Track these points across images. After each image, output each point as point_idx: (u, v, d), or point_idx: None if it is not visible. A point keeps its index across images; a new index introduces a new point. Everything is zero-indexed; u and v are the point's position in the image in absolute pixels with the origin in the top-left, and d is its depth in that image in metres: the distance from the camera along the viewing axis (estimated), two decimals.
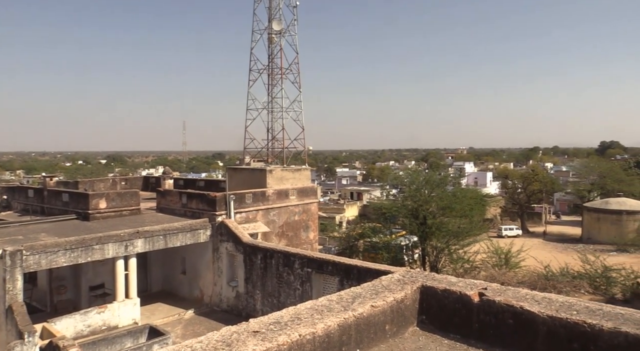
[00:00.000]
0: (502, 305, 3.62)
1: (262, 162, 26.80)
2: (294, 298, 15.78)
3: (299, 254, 16.12)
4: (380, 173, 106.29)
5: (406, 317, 3.92)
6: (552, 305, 3.51)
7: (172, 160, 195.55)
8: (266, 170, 23.51)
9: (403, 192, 35.14)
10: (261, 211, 21.28)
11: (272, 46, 26.71)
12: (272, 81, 26.76)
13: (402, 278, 4.29)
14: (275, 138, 27.04)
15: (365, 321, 3.46)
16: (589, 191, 62.64)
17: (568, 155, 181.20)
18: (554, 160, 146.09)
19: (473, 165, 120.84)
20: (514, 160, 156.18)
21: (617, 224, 49.07)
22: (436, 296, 4.00)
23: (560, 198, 75.48)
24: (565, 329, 3.26)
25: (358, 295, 3.82)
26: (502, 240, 43.99)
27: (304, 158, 27.02)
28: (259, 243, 18.23)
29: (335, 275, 14.39)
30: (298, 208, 23.08)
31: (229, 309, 18.81)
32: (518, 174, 72.98)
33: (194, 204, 20.26)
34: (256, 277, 17.64)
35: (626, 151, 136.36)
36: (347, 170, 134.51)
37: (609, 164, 70.15)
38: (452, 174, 43.73)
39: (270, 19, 26.59)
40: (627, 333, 2.99)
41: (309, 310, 3.41)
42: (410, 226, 31.70)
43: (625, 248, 43.86)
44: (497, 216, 62.70)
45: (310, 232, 23.87)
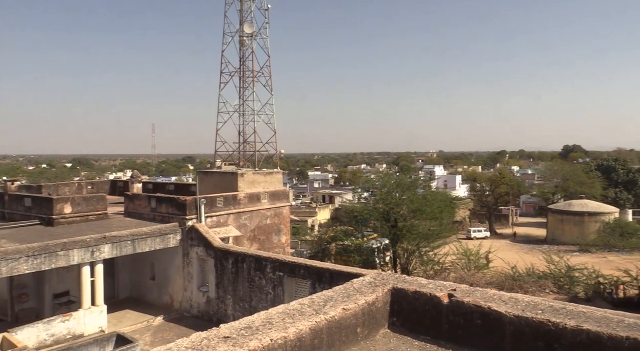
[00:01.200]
0: (471, 305, 3.69)
1: (233, 166, 26.56)
2: (266, 303, 15.67)
3: (271, 258, 16.02)
4: (352, 177, 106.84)
5: (378, 320, 3.95)
6: (519, 305, 3.60)
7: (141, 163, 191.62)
8: (238, 173, 23.31)
9: (375, 195, 35.46)
10: (233, 215, 21.07)
11: (244, 49, 26.57)
12: (243, 84, 26.60)
13: (374, 281, 4.32)
14: (247, 141, 26.86)
15: (337, 325, 3.47)
16: (554, 194, 64.61)
17: (533, 158, 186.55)
18: (520, 164, 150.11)
19: (443, 169, 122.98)
20: (482, 163, 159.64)
21: (580, 225, 50.78)
22: (407, 299, 4.05)
23: (526, 200, 77.59)
24: (531, 328, 3.34)
25: (330, 298, 3.83)
26: (471, 241, 44.95)
27: (276, 162, 26.92)
28: (230, 248, 18.03)
29: (308, 279, 14.37)
30: (270, 212, 22.97)
31: (200, 315, 18.52)
32: (486, 177, 74.64)
33: (163, 208, 19.89)
34: (228, 282, 17.43)
35: (587, 155, 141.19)
36: (319, 174, 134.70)
37: (572, 167, 72.58)
38: (423, 177, 44.41)
39: (242, 21, 26.46)
40: (588, 331, 3.09)
41: (280, 315, 3.39)
42: (382, 229, 31.99)
43: (588, 248, 45.42)
44: (466, 218, 63.93)
45: (282, 236, 23.78)
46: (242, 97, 26.61)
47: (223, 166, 26.35)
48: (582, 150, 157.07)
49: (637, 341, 2.89)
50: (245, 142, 26.83)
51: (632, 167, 72.97)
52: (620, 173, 67.97)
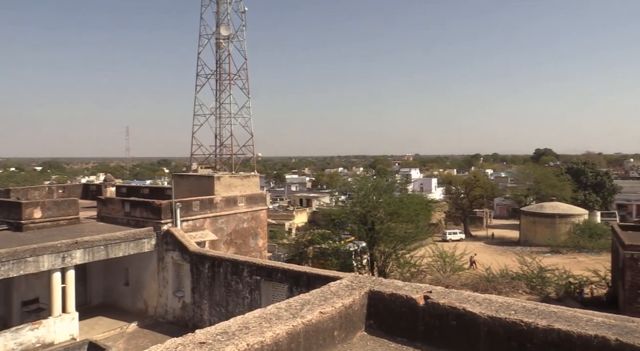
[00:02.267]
0: (446, 307, 3.73)
1: (209, 169, 26.31)
2: (243, 307, 15.54)
3: (247, 262, 15.91)
4: (330, 180, 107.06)
5: (354, 322, 3.97)
6: (492, 306, 3.67)
7: (114, 166, 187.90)
8: (214, 177, 23.09)
9: (352, 198, 35.61)
10: (209, 219, 20.84)
11: (220, 51, 26.39)
12: (220, 87, 26.41)
13: (351, 284, 4.34)
14: (224, 144, 26.65)
15: (314, 328, 3.46)
16: (526, 196, 66.13)
17: (506, 161, 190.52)
18: (494, 167, 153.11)
19: (419, 172, 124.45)
20: (457, 166, 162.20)
21: (551, 227, 52.09)
22: (383, 301, 4.07)
23: (499, 202, 79.17)
24: (504, 328, 3.40)
25: (307, 302, 3.82)
26: (447, 243, 45.61)
27: (253, 165, 26.80)
28: (206, 252, 17.83)
29: (285, 283, 14.32)
30: (247, 216, 22.81)
31: (175, 320, 18.24)
32: (461, 180, 75.92)
33: (137, 212, 19.55)
34: (203, 287, 17.22)
35: (558, 158, 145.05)
36: (296, 177, 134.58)
37: (543, 170, 74.46)
38: (399, 180, 44.82)
39: (218, 23, 26.28)
40: (559, 330, 3.17)
41: (257, 319, 3.37)
42: (359, 232, 32.17)
43: (558, 249, 46.64)
44: (442, 221, 64.85)
45: (259, 240, 23.65)
46: (219, 99, 26.42)
47: (199, 169, 26.07)
48: (553, 153, 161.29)
49: (604, 338, 2.98)
50: (221, 145, 26.63)
51: (600, 170, 75.32)
52: (589, 176, 70.04)
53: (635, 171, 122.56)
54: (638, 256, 20.04)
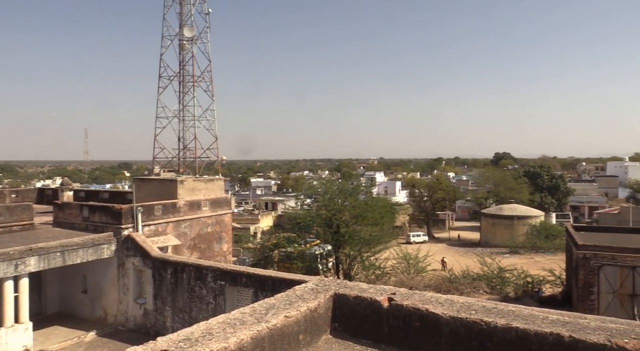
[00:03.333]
0: (409, 308, 3.79)
1: (172, 172, 25.80)
2: (207, 313, 15.28)
3: (211, 267, 15.67)
4: (295, 183, 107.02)
5: (319, 326, 3.97)
6: (454, 306, 3.75)
7: (72, 170, 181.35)
8: (177, 180, 22.66)
9: (317, 202, 35.66)
10: (172, 223, 20.42)
11: (184, 53, 25.97)
12: (183, 89, 25.97)
13: (316, 287, 4.34)
14: (187, 147, 26.20)
15: (279, 333, 3.45)
16: (486, 198, 68.02)
17: (467, 165, 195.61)
18: (456, 170, 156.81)
19: (383, 175, 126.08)
20: (420, 170, 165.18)
21: (510, 228, 53.76)
22: (348, 304, 4.09)
23: (461, 205, 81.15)
24: (465, 328, 3.48)
25: (272, 306, 3.80)
26: (410, 246, 46.37)
27: (217, 168, 26.45)
28: (169, 257, 17.45)
29: (250, 287, 14.19)
30: (211, 220, 22.49)
31: (136, 328, 17.74)
32: (424, 183, 77.32)
33: (96, 217, 18.93)
34: (166, 293, 16.84)
35: (516, 161, 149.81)
36: (261, 180, 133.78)
37: (502, 174, 76.86)
38: (364, 183, 45.20)
39: (182, 25, 25.87)
40: (517, 328, 3.27)
41: (221, 324, 3.32)
42: (324, 235, 32.23)
43: (517, 250, 48.16)
44: (406, 223, 65.82)
45: (223, 244, 23.34)
46: (182, 101, 25.97)
47: (161, 173, 25.52)
48: (511, 157, 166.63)
49: (559, 335, 3.10)
50: (185, 148, 26.17)
51: (555, 173, 78.41)
52: (545, 179, 72.79)
53: (587, 174, 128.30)
54: (590, 255, 20.95)
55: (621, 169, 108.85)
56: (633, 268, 20.38)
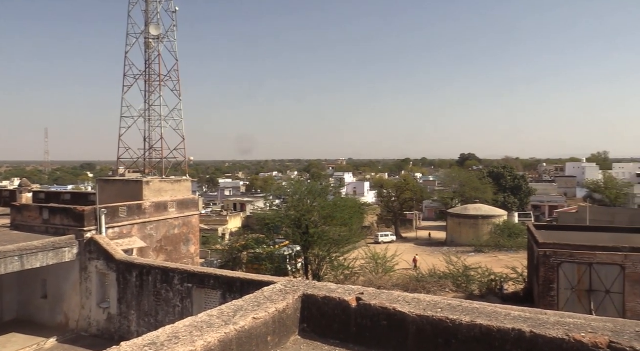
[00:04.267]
0: (377, 307, 3.83)
1: (138, 173, 25.22)
2: (174, 316, 15.01)
3: (178, 269, 15.40)
4: (264, 184, 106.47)
5: (288, 327, 3.96)
6: (421, 305, 3.82)
7: (31, 171, 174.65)
8: (142, 181, 22.16)
9: (286, 202, 35.57)
10: (137, 225, 19.95)
11: (150, 51, 25.42)
12: (149, 88, 25.42)
13: (284, 288, 4.33)
14: (153, 148, 25.66)
15: (247, 334, 3.42)
16: (452, 198, 69.46)
17: (434, 166, 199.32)
18: (423, 171, 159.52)
19: (352, 176, 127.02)
20: (388, 170, 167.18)
21: (475, 228, 55.06)
22: (317, 304, 4.11)
23: (428, 205, 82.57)
24: (431, 326, 3.55)
25: (240, 308, 3.77)
26: (379, 246, 46.84)
27: (185, 169, 26.00)
28: (134, 260, 17.03)
29: (218, 289, 14.02)
30: (178, 221, 22.10)
31: (100, 333, 17.24)
32: (392, 184, 78.29)
33: (57, 220, 18.29)
34: (131, 296, 16.43)
35: (481, 162, 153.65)
36: (230, 181, 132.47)
37: (468, 174, 78.66)
38: (333, 184, 45.40)
39: (147, 23, 25.32)
40: (481, 325, 3.36)
41: (187, 328, 3.27)
42: (294, 236, 32.16)
43: (481, 249, 49.38)
44: (374, 223, 66.47)
45: (191, 246, 22.98)
46: (148, 101, 25.41)
47: (126, 173, 24.90)
48: (476, 158, 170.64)
49: (520, 331, 3.20)
50: (151, 148, 25.62)
51: (517, 174, 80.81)
52: (508, 179, 74.92)
53: (548, 175, 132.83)
54: (550, 253, 21.69)
55: (579, 170, 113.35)
56: (590, 265, 21.21)
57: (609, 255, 20.99)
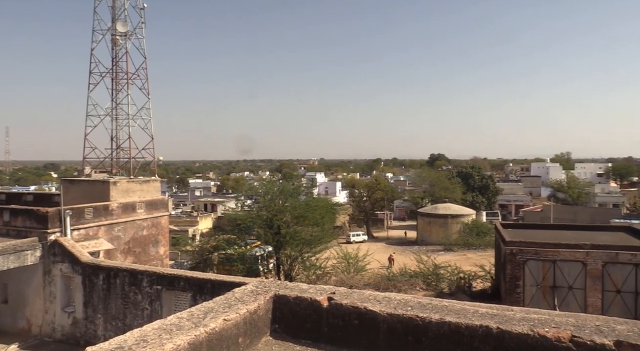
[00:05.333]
0: (348, 307, 3.85)
1: (105, 173, 24.60)
2: (142, 319, 14.70)
3: (147, 271, 15.09)
4: (235, 184, 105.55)
5: (259, 328, 3.94)
6: (391, 303, 3.85)
7: None
8: (109, 181, 21.63)
9: (258, 203, 35.35)
10: (104, 227, 19.46)
11: (117, 48, 24.83)
12: (116, 86, 24.83)
13: (256, 289, 4.30)
14: (121, 147, 25.08)
15: (218, 336, 3.38)
16: (422, 198, 70.50)
17: (405, 166, 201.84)
18: (394, 171, 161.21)
19: (324, 175, 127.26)
20: (359, 170, 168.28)
21: (444, 227, 56.02)
22: (288, 304, 4.09)
23: (399, 205, 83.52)
24: (401, 324, 3.59)
25: (210, 309, 3.72)
26: (350, 245, 47.10)
27: (154, 169, 25.52)
28: (100, 262, 16.60)
29: (188, 291, 13.82)
30: (146, 222, 21.67)
31: (64, 338, 16.72)
32: (363, 184, 78.83)
33: (19, 221, 17.65)
34: (98, 300, 16.01)
35: (450, 162, 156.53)
36: (200, 182, 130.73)
37: (437, 174, 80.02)
38: (305, 184, 45.36)
39: (114, 19, 24.72)
40: (450, 322, 3.42)
41: (156, 331, 3.21)
42: (265, 236, 31.98)
43: (451, 247, 50.30)
44: (346, 223, 66.77)
45: (160, 247, 22.56)
46: (115, 99, 24.83)
47: (93, 174, 24.25)
48: (446, 158, 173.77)
49: (488, 327, 3.27)
50: (118, 147, 25.03)
51: (485, 174, 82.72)
52: (476, 179, 76.58)
53: (514, 174, 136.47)
54: (516, 251, 22.29)
55: (543, 170, 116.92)
56: (554, 262, 21.91)
57: (572, 252, 21.74)
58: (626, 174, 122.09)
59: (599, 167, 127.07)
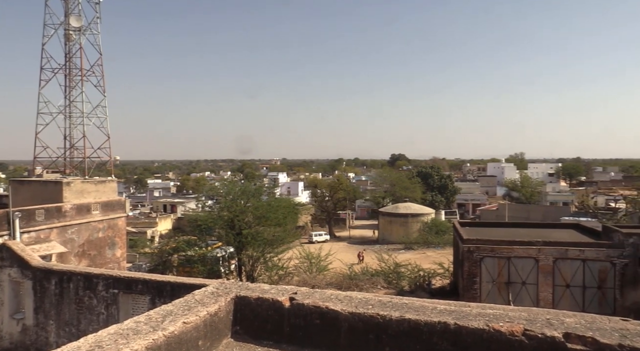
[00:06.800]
0: (310, 307, 3.86)
1: (57, 174, 23.62)
2: (98, 324, 14.21)
3: (103, 275, 14.58)
4: (196, 185, 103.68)
5: (220, 330, 3.89)
6: (352, 302, 3.89)
7: None
8: (62, 182, 20.79)
9: (219, 203, 34.89)
10: (56, 229, 18.68)
11: (70, 44, 23.90)
12: (70, 83, 23.90)
13: (216, 291, 4.25)
14: (75, 146, 24.16)
15: (177, 340, 3.32)
16: (383, 198, 71.49)
17: (366, 166, 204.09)
18: (355, 171, 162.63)
19: (286, 176, 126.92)
20: (322, 170, 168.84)
21: (405, 226, 57.04)
22: (250, 306, 4.06)
23: (361, 204, 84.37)
24: (363, 323, 3.64)
25: (169, 312, 3.64)
26: (313, 245, 47.21)
27: (110, 169, 24.72)
28: (52, 266, 15.91)
29: (146, 294, 13.45)
30: (102, 224, 20.96)
31: (13, 347, 15.93)
32: (326, 183, 79.16)
33: None
34: (50, 305, 15.34)
35: (410, 163, 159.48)
36: (159, 182, 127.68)
37: (398, 174, 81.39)
38: (267, 184, 45.10)
39: (67, 13, 23.78)
40: (409, 319, 3.49)
41: (112, 336, 3.11)
42: (227, 237, 31.60)
43: (411, 246, 51.27)
44: (308, 223, 66.89)
45: (117, 250, 21.88)
46: (69, 97, 23.89)
47: (44, 174, 23.24)
48: (406, 158, 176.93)
49: (446, 323, 3.36)
50: (72, 147, 24.10)
51: (444, 174, 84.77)
52: (435, 178, 78.37)
53: (471, 174, 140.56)
54: (473, 248, 22.97)
55: (499, 170, 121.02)
56: (508, 259, 22.72)
57: (525, 249, 22.62)
58: (575, 174, 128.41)
59: (550, 167, 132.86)
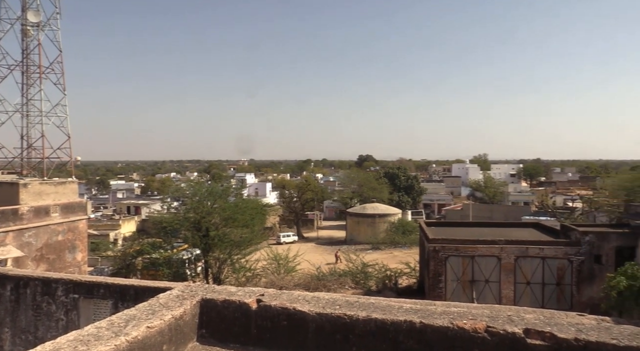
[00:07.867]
0: (277, 308, 3.84)
1: (13, 175, 22.68)
2: (57, 331, 13.71)
3: (62, 279, 14.08)
4: (161, 186, 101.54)
5: (185, 333, 3.82)
6: (320, 303, 3.90)
7: None
8: (19, 183, 19.96)
9: (185, 204, 34.31)
10: (12, 232, 17.92)
11: (28, 40, 23.01)
12: (27, 80, 23.00)
13: (182, 294, 4.17)
14: (33, 146, 23.25)
15: (140, 345, 3.24)
16: (351, 198, 71.96)
17: (334, 166, 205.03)
18: (323, 171, 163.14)
19: (254, 176, 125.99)
20: (290, 171, 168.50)
21: (372, 226, 57.58)
22: (216, 308, 4.01)
23: (329, 205, 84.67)
24: (330, 323, 3.64)
25: (132, 317, 3.55)
26: (281, 246, 47.06)
27: (70, 170, 23.92)
28: (8, 271, 15.25)
29: (109, 299, 13.06)
30: (62, 227, 20.25)
31: None
32: (294, 184, 79.06)
33: None
34: (4, 312, 14.70)
35: (377, 163, 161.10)
36: (123, 183, 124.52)
37: (365, 175, 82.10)
38: (234, 185, 44.65)
39: (25, 8, 22.88)
40: (376, 319, 3.52)
41: (71, 342, 3.01)
42: (193, 239, 31.11)
43: (378, 246, 51.82)
44: (276, 224, 66.59)
45: (77, 253, 21.19)
46: (26, 95, 22.98)
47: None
48: (373, 159, 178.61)
49: (411, 322, 3.41)
50: (29, 147, 23.19)
51: (410, 174, 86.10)
52: (402, 179, 79.49)
53: (437, 175, 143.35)
54: (439, 248, 23.44)
55: (463, 170, 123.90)
56: (472, 258, 23.28)
57: (488, 248, 23.24)
58: (535, 174, 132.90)
59: (512, 167, 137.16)
